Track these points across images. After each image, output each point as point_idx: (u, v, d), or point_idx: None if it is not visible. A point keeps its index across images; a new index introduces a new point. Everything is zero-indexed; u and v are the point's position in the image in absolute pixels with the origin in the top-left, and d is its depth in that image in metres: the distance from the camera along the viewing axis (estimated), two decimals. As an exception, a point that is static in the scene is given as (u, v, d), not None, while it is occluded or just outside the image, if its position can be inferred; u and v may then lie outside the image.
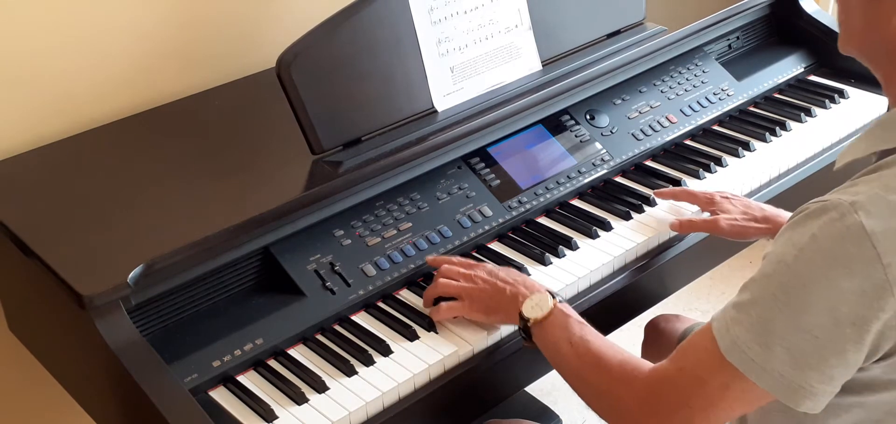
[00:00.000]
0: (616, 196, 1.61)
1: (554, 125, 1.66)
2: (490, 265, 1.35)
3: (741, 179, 1.65)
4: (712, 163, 1.67)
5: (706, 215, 1.52)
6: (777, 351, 1.00)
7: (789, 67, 1.95)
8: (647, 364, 1.14)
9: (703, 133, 1.78)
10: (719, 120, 1.81)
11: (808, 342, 0.99)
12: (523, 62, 1.65)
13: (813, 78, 1.95)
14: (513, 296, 1.28)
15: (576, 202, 1.60)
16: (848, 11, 1.10)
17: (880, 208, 0.97)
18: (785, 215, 1.47)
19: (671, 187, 1.60)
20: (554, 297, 1.26)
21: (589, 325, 1.23)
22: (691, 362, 1.08)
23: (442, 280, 1.34)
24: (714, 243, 1.52)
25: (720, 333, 1.04)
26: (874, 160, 1.07)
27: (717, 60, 1.90)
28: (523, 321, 1.25)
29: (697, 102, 1.80)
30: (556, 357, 1.22)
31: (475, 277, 1.33)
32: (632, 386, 1.13)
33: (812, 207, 1.02)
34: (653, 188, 1.60)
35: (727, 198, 1.51)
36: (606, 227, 1.52)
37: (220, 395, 1.24)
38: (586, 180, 1.62)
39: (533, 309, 1.25)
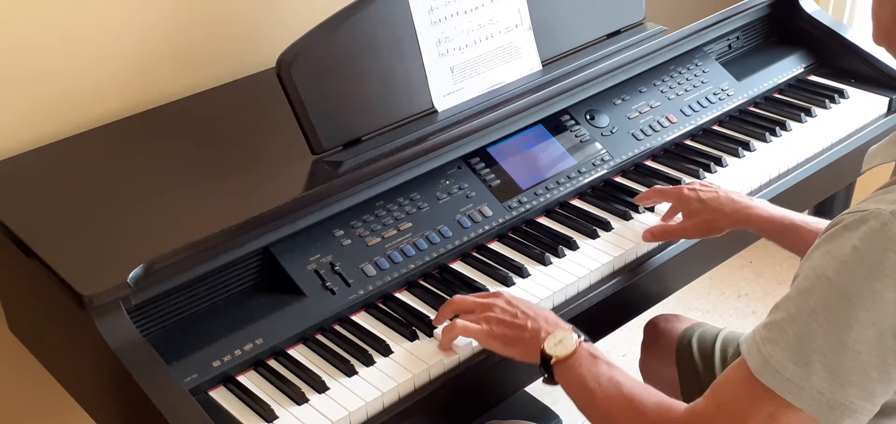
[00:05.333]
0: (616, 196, 1.61)
1: (554, 125, 1.66)
2: (507, 295, 1.30)
3: (741, 179, 1.65)
4: (712, 163, 1.67)
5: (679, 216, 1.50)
6: (816, 369, 0.95)
7: (789, 67, 1.95)
8: (682, 405, 1.09)
9: (703, 133, 1.78)
10: (719, 120, 1.81)
11: (849, 358, 0.95)
12: (523, 62, 1.65)
13: (813, 78, 1.95)
14: (534, 332, 1.23)
15: (576, 202, 1.60)
16: (880, 4, 1.07)
17: None
18: (757, 204, 1.45)
19: (645, 191, 1.57)
20: (578, 335, 1.21)
21: (617, 366, 1.17)
22: (728, 396, 1.03)
23: (458, 297, 1.30)
24: (713, 243, 1.51)
25: (751, 354, 1.00)
26: None
27: (717, 60, 1.90)
28: (545, 358, 1.21)
29: (697, 102, 1.80)
30: (582, 396, 1.17)
31: (493, 305, 1.28)
32: None
33: (848, 218, 0.98)
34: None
35: (694, 190, 1.48)
36: (606, 227, 1.52)
37: (220, 395, 1.24)
38: (586, 180, 1.62)
39: (556, 347, 1.20)
